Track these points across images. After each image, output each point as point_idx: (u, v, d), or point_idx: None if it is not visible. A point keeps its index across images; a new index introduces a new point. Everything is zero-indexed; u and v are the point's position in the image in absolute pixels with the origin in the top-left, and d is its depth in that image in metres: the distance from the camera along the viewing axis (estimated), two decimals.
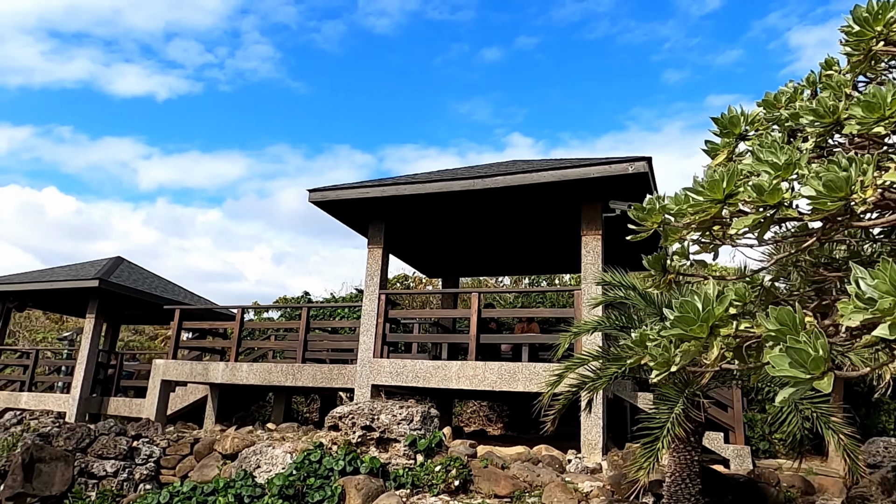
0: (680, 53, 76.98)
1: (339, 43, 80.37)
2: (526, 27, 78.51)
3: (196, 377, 12.30)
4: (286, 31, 79.10)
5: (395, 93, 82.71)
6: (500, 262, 13.75)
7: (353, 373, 10.87)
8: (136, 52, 78.05)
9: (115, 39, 77.07)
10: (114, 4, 72.30)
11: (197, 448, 9.10)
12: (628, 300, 6.29)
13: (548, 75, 79.80)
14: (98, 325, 14.90)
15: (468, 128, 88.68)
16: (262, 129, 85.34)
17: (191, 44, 78.24)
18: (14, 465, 8.39)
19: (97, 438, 9.13)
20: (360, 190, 10.07)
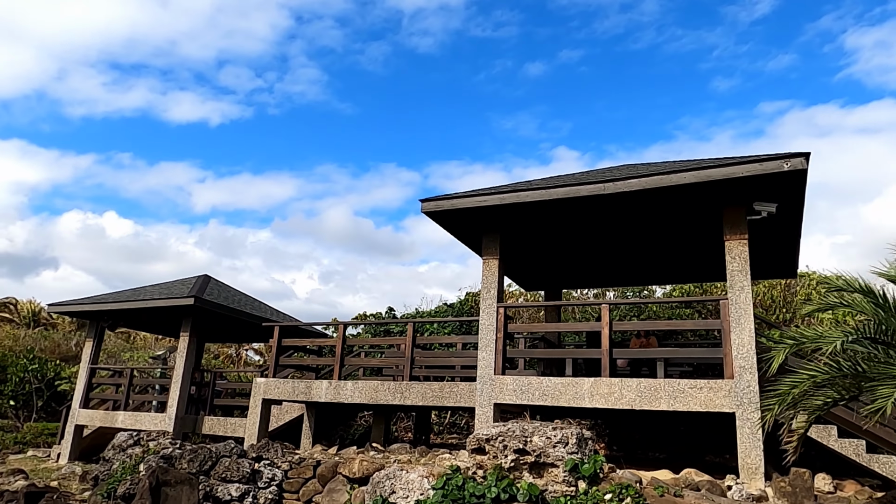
0: (729, 61, 74.80)
1: (384, 64, 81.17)
2: (569, 41, 77.70)
3: (298, 395, 11.99)
4: (332, 55, 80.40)
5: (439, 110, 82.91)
6: (609, 272, 13.07)
7: (466, 391, 10.37)
8: (191, 80, 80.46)
9: (171, 69, 79.59)
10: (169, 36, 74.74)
11: (320, 471, 8.70)
12: (861, 310, 5.59)
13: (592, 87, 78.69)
14: (192, 344, 14.82)
15: (513, 143, 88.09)
16: (311, 149, 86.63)
17: (242, 70, 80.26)
18: (141, 489, 8.13)
19: (219, 460, 8.83)
20: (476, 198, 9.61)
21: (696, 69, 74.60)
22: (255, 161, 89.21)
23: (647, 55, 75.19)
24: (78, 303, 15.88)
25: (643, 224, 10.06)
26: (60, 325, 43.79)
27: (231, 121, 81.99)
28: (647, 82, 75.04)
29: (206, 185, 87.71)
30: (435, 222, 10.38)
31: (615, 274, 13.59)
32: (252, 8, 75.27)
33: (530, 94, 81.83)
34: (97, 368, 16.39)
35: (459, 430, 16.54)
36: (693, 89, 76.32)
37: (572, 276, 13.50)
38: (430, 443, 14.34)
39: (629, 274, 13.58)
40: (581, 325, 11.77)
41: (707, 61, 74.83)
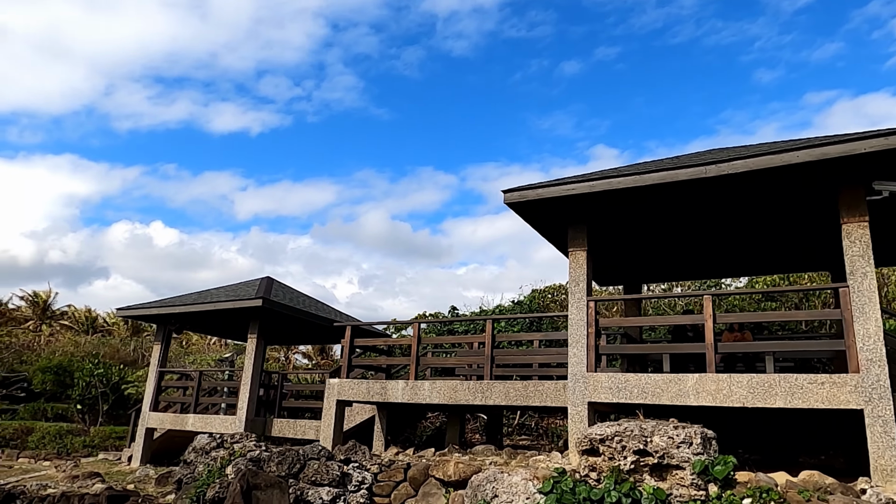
0: (772, 52, 72.33)
1: (419, 68, 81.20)
2: (605, 37, 76.37)
3: (374, 396, 11.69)
4: (368, 61, 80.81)
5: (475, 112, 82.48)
6: (689, 264, 12.45)
7: (553, 389, 9.92)
8: (232, 91, 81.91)
9: (213, 81, 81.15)
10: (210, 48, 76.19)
11: (411, 474, 8.36)
12: None
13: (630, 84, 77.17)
14: (260, 346, 14.71)
15: (550, 142, 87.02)
16: (349, 155, 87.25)
17: (280, 79, 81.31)
18: (233, 493, 7.91)
19: (307, 463, 8.57)
20: (564, 187, 9.15)
21: (738, 61, 72.52)
22: (295, 168, 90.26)
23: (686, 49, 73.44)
24: (146, 307, 15.95)
25: (740, 210, 9.46)
26: (116, 331, 44.80)
27: (271, 129, 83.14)
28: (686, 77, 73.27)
29: (247, 194, 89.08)
30: (517, 214, 9.94)
31: (694, 266, 12.95)
32: (289, 18, 76.19)
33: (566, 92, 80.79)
34: (165, 372, 16.44)
35: (530, 431, 16.07)
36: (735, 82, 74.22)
37: (651, 269, 12.90)
38: (502, 444, 13.91)
39: (708, 266, 12.92)
40: (683, 317, 11.16)
41: (749, 53, 72.69)
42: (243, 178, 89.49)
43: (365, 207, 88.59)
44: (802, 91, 76.28)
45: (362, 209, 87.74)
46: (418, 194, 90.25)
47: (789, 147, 7.89)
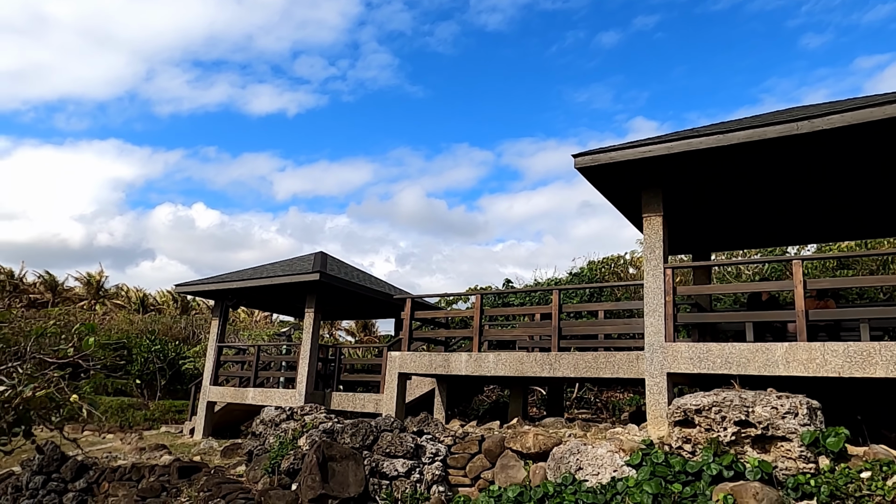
0: (820, 15, 68.99)
1: (453, 44, 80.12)
2: (643, 6, 73.98)
3: (436, 369, 11.54)
4: (402, 38, 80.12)
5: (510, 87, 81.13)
6: (760, 230, 11.87)
7: (625, 360, 9.60)
8: (268, 73, 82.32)
9: (249, 63, 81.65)
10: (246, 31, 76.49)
11: (486, 446, 8.17)
12: None
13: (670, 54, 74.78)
14: (317, 320, 14.70)
15: (587, 116, 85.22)
16: (384, 134, 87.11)
17: (315, 59, 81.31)
18: (309, 464, 7.86)
19: (380, 435, 8.47)
20: (640, 149, 8.72)
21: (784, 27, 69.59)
22: (332, 148, 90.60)
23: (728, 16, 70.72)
24: (204, 283, 16.09)
25: (824, 171, 8.89)
26: (166, 309, 45.90)
27: (307, 110, 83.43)
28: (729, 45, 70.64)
29: (286, 174, 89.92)
30: (587, 179, 9.55)
31: (763, 233, 12.35)
32: None
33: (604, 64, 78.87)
34: (224, 347, 16.61)
35: (588, 405, 15.80)
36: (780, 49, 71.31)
37: (720, 236, 12.37)
38: (564, 418, 13.66)
39: (778, 233, 12.31)
40: (768, 284, 10.65)
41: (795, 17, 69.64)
42: (281, 158, 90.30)
43: (401, 185, 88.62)
44: (852, 56, 72.92)
45: (398, 187, 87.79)
46: (454, 171, 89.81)
47: (893, 99, 7.31)
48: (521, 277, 41.64)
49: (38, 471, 12.23)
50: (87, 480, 12.20)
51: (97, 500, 12.13)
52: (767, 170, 9.01)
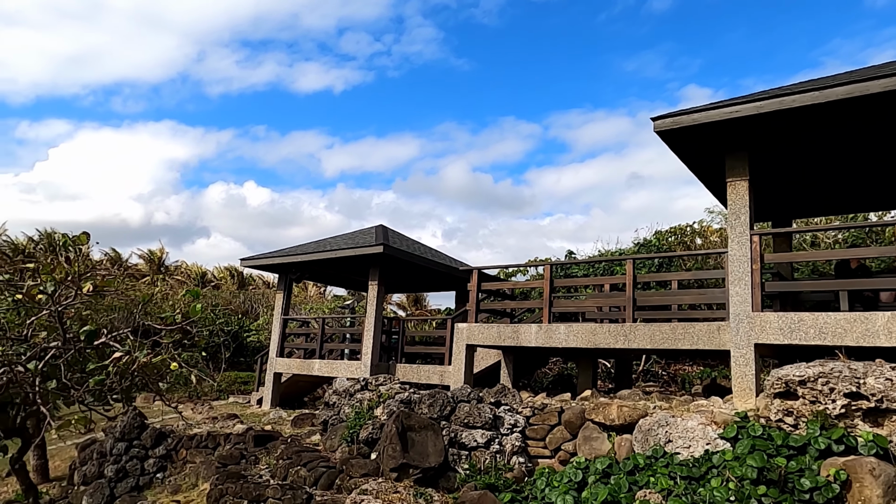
0: None
1: (498, 15, 78.55)
2: None
3: (505, 340, 11.42)
4: (446, 11, 79.00)
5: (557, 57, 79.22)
6: (850, 195, 11.22)
7: (706, 332, 9.26)
8: (315, 51, 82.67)
9: (296, 41, 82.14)
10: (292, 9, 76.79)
11: (566, 417, 8.03)
12: None
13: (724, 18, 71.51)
14: (380, 292, 14.74)
15: (637, 85, 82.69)
16: (430, 109, 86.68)
17: (361, 35, 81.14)
18: (389, 434, 7.87)
19: (457, 405, 8.42)
20: (725, 110, 8.27)
21: None
22: (378, 124, 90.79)
23: None
24: (268, 256, 16.32)
25: None
26: (223, 284, 47.17)
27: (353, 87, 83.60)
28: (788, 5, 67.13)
29: (333, 151, 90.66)
30: (666, 143, 9.16)
31: (846, 199, 11.70)
32: None
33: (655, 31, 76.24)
34: (288, 319, 16.89)
35: (655, 377, 15.48)
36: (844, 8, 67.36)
37: (802, 202, 11.77)
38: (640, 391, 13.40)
39: (862, 198, 11.64)
40: (864, 250, 10.08)
41: None
42: (329, 136, 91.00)
43: (447, 160, 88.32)
44: None
45: (444, 162, 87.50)
46: (500, 145, 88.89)
47: None
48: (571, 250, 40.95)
49: (121, 437, 12.72)
50: (165, 447, 12.64)
51: (176, 466, 12.57)
52: (862, 129, 8.46)
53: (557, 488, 6.46)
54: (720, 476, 5.89)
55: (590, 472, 6.61)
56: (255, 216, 75.11)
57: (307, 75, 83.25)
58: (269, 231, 74.81)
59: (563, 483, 6.52)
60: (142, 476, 12.32)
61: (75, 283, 3.73)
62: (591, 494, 6.11)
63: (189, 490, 11.08)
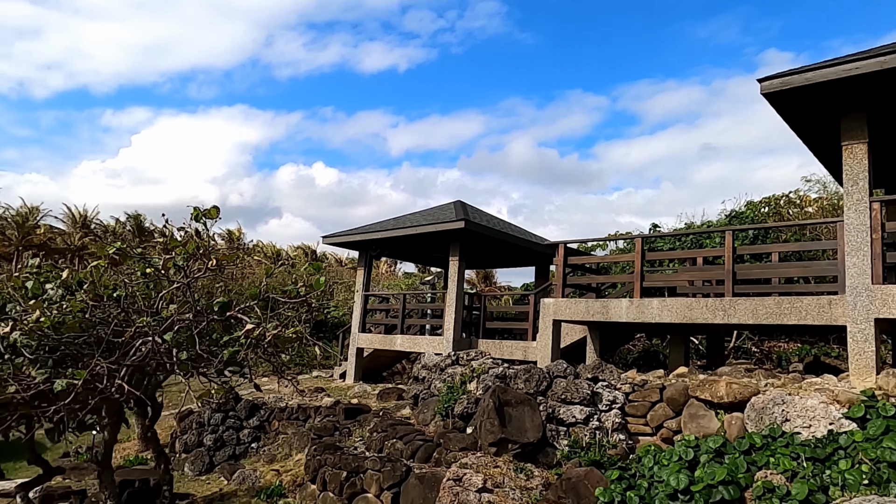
0: None
1: None
2: None
3: (594, 315, 11.16)
4: None
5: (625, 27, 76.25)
6: None
7: (815, 306, 8.73)
8: (378, 30, 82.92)
9: (360, 21, 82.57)
10: None
11: (669, 394, 7.77)
12: None
13: None
14: (461, 268, 14.69)
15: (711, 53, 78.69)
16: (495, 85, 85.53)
17: (424, 13, 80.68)
18: (486, 408, 7.83)
19: (553, 381, 8.28)
20: (842, 67, 7.67)
21: None
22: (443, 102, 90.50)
23: None
24: (349, 234, 16.54)
25: None
26: (297, 262, 48.49)
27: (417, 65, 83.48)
28: None
29: (398, 130, 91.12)
30: (773, 107, 8.61)
31: None
32: None
33: None
34: (369, 296, 17.13)
35: (747, 354, 14.87)
36: None
37: None
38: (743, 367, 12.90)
39: None
40: None
41: None
42: (394, 115, 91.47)
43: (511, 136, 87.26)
44: None
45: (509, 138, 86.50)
46: (566, 119, 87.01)
47: None
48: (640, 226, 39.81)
49: (217, 409, 13.26)
50: (259, 419, 13.10)
51: (269, 436, 13.01)
52: None
53: (668, 467, 6.24)
54: (849, 458, 5.53)
55: (701, 451, 6.36)
56: (324, 196, 76.70)
57: (372, 55, 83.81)
58: (337, 210, 76.29)
59: (672, 461, 6.30)
60: (237, 445, 12.82)
61: (207, 257, 3.78)
62: (706, 474, 5.87)
63: (284, 460, 11.43)
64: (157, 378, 4.42)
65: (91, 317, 3.82)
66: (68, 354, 3.89)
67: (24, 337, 3.46)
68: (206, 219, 3.79)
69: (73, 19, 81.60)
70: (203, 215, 3.76)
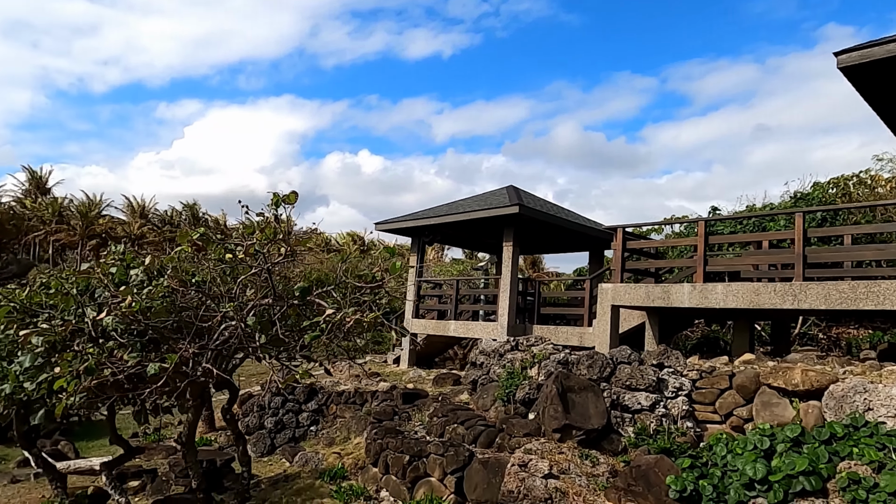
0: None
1: None
2: None
3: (654, 301, 10.92)
4: None
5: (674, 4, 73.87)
6: None
7: (893, 290, 8.32)
8: (422, 17, 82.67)
9: (404, 8, 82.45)
10: None
11: (739, 381, 7.54)
12: None
13: None
14: (515, 253, 14.57)
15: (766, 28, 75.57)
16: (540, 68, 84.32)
17: None
18: (549, 394, 7.76)
19: (617, 367, 8.15)
20: None
21: None
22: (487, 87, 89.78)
23: None
24: (401, 220, 16.60)
25: None
26: (347, 250, 49.11)
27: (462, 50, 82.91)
28: None
29: (443, 117, 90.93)
30: (850, 81, 8.20)
31: None
32: None
33: None
34: (422, 281, 17.19)
35: (813, 341, 14.35)
36: None
37: None
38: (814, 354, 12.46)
39: None
40: None
41: None
42: (438, 101, 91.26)
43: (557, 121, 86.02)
44: None
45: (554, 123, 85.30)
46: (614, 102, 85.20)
47: None
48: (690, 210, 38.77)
49: (277, 392, 13.56)
50: (317, 402, 13.34)
51: (327, 420, 13.25)
52: None
53: (742, 456, 6.06)
54: None
55: (777, 440, 6.15)
56: (369, 183, 77.35)
57: (416, 42, 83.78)
58: (382, 198, 76.90)
59: (747, 450, 6.11)
60: (297, 428, 13.10)
61: (286, 242, 3.80)
62: (785, 463, 5.67)
63: (343, 443, 11.61)
64: (235, 361, 4.51)
65: (176, 302, 3.90)
66: (155, 338, 3.99)
67: (116, 322, 3.57)
68: (286, 204, 3.82)
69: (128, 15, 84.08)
70: (283, 201, 3.79)
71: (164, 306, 3.75)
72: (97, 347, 3.64)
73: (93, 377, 3.39)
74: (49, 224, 45.66)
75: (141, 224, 50.41)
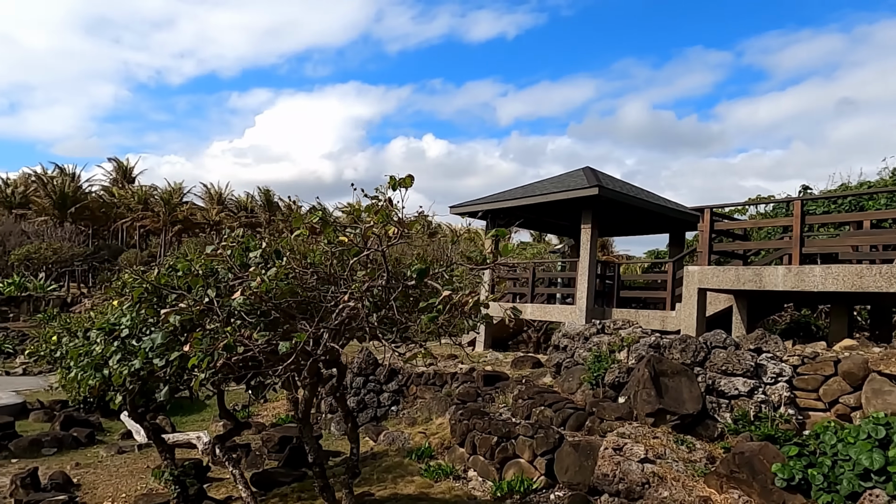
0: None
1: None
2: None
3: (744, 284, 10.55)
4: None
5: None
6: None
7: None
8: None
9: None
10: None
11: (845, 367, 7.21)
12: None
13: None
14: (594, 236, 14.36)
15: None
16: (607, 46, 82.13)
17: None
18: (641, 378, 7.64)
19: (711, 352, 7.94)
20: None
21: None
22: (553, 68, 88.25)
23: None
24: (477, 203, 16.62)
25: None
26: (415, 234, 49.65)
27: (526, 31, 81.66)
28: None
29: (508, 99, 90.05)
30: None
31: None
32: None
33: None
34: (499, 264, 17.16)
35: None
36: None
37: None
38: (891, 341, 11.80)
39: None
40: None
41: None
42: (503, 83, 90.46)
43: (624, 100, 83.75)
44: None
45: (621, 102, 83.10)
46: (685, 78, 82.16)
47: None
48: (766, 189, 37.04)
49: (358, 373, 13.91)
50: (397, 383, 13.61)
51: (407, 400, 13.50)
52: None
53: (854, 445, 5.81)
54: None
55: (893, 429, 5.86)
56: (433, 168, 77.72)
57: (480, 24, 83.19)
58: (446, 182, 77.15)
59: (860, 439, 5.85)
60: (378, 408, 13.41)
61: (403, 224, 3.87)
62: None
63: (425, 423, 11.81)
64: (343, 341, 4.65)
65: (296, 283, 4.06)
66: (275, 319, 4.16)
67: (245, 303, 3.75)
68: (402, 188, 3.88)
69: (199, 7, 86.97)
70: (399, 184, 3.86)
71: (289, 287, 3.90)
72: (230, 326, 3.84)
73: (228, 355, 3.58)
74: (135, 211, 48.16)
75: (218, 210, 52.47)
